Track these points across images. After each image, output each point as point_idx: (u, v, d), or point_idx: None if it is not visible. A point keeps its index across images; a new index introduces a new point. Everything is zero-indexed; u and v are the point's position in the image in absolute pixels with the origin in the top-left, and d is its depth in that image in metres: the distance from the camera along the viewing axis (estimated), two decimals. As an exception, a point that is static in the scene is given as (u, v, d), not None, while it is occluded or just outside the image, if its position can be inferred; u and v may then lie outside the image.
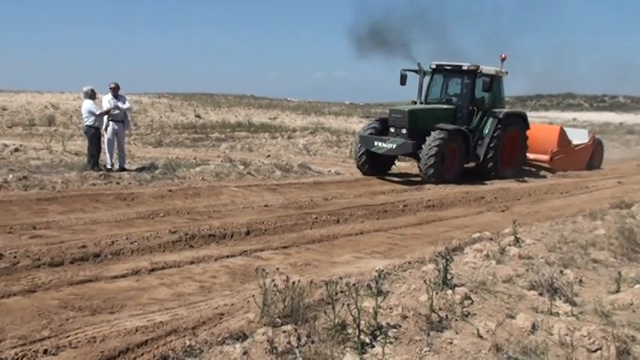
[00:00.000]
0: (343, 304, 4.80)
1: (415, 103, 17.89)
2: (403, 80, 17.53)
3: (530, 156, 18.85)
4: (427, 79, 18.01)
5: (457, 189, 14.72)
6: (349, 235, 9.35)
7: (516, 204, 13.30)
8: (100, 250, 7.39)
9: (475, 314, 5.23)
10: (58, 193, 10.78)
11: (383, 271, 5.87)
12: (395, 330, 4.75)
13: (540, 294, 5.91)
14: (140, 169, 14.03)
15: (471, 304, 5.39)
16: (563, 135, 19.62)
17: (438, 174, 15.18)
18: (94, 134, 13.66)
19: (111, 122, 13.92)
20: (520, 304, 5.69)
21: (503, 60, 17.87)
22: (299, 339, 4.52)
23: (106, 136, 13.97)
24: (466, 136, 16.23)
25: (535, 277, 6.30)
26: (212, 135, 28.04)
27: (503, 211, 12.35)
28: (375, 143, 15.72)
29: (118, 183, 12.14)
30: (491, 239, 8.52)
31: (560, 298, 5.78)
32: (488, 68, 17.05)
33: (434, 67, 17.63)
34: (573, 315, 5.42)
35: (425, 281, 5.47)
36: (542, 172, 19.02)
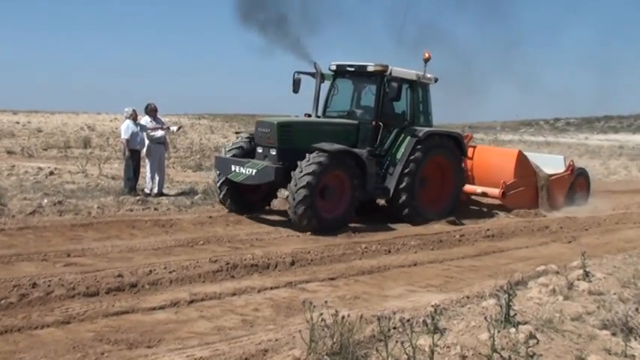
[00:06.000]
0: (397, 341, 4.73)
1: (310, 116, 14.07)
2: (296, 86, 13.99)
3: (477, 190, 15.25)
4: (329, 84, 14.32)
5: (518, 217, 14.46)
6: (401, 267, 9.30)
7: (584, 234, 13.01)
8: (137, 279, 7.48)
9: (541, 355, 5.10)
10: (94, 218, 11.01)
11: (439, 306, 5.80)
12: (453, 371, 4.68)
13: (613, 334, 5.74)
14: (179, 195, 14.26)
15: (537, 343, 5.27)
16: (522, 162, 15.76)
17: (311, 214, 11.14)
18: (131, 156, 13.86)
19: (153, 145, 14.18)
20: (591, 344, 5.53)
21: (427, 61, 14.06)
22: (348, 379, 4.48)
23: (147, 159, 14.21)
24: (360, 160, 12.14)
25: (607, 315, 6.14)
26: (254, 158, 28.20)
27: (569, 242, 12.09)
28: (233, 168, 12.05)
29: (156, 209, 12.33)
30: (558, 273, 8.34)
31: (636, 339, 5.61)
32: (404, 71, 13.43)
33: (334, 68, 13.90)
34: (651, 358, 5.25)
35: (485, 318, 5.38)
36: (494, 211, 15.21)
